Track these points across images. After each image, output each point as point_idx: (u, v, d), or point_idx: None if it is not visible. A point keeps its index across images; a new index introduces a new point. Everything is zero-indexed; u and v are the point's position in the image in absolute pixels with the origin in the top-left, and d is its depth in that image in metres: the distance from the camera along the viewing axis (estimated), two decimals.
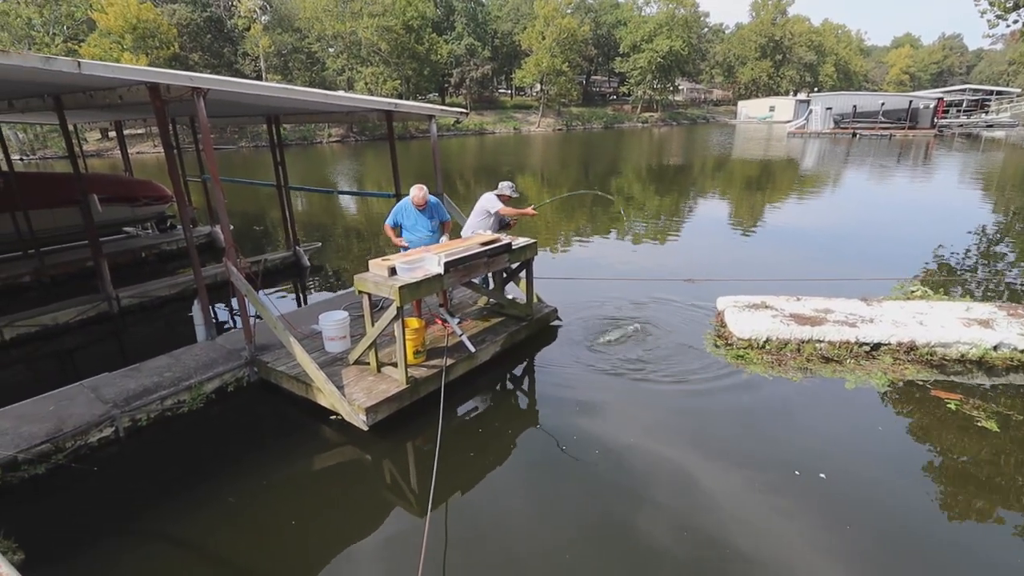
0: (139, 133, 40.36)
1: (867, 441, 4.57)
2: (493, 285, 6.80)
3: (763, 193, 18.47)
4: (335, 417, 4.89)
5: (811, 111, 48.44)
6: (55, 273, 9.12)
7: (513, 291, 7.00)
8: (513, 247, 5.90)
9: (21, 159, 35.23)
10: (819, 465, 4.20)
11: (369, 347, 5.13)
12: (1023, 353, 5.63)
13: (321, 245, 11.26)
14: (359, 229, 14.07)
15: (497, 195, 6.52)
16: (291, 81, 53.56)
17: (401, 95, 53.00)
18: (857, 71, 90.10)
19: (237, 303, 5.55)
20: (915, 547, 3.48)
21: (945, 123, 48.03)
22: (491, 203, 6.49)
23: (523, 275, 6.42)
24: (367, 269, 5.09)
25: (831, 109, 47.02)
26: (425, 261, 5.06)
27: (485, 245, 5.60)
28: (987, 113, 52.59)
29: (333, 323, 5.61)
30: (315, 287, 9.28)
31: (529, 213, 6.57)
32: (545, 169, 26.73)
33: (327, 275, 9.88)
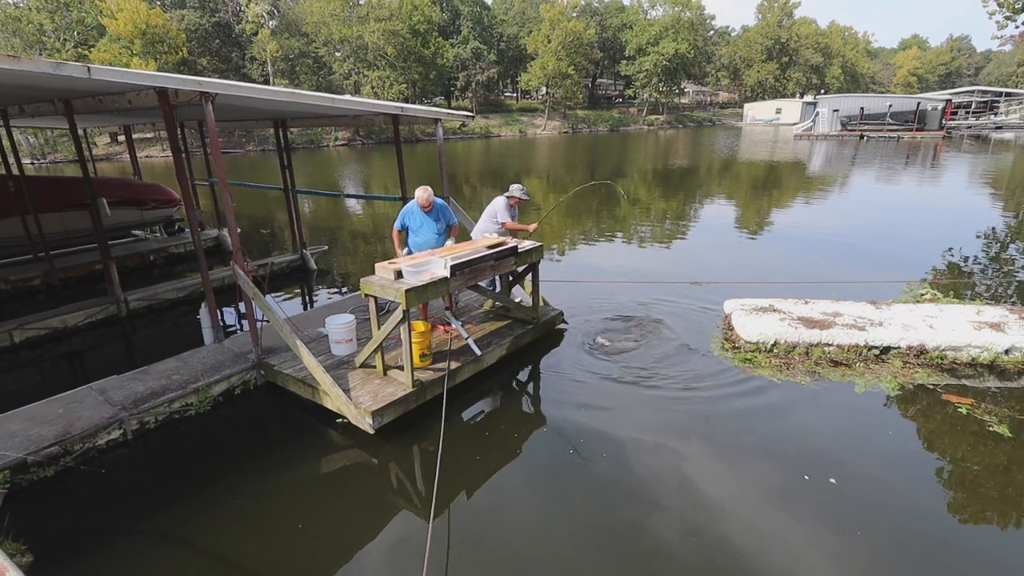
0: (148, 137, 40.78)
1: (877, 445, 4.52)
2: (500, 288, 6.80)
3: (770, 195, 18.39)
4: (341, 420, 4.89)
5: (818, 113, 48.21)
6: (64, 276, 9.20)
7: (519, 294, 6.99)
8: (519, 250, 5.90)
9: (32, 163, 35.64)
10: (829, 470, 4.16)
11: (375, 350, 5.13)
12: None
13: (327, 248, 11.30)
14: (365, 232, 14.11)
15: (507, 196, 6.53)
16: (298, 85, 53.93)
17: (407, 99, 53.26)
18: (864, 73, 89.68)
19: (244, 306, 5.57)
20: (928, 554, 3.43)
21: (954, 125, 47.70)
22: (500, 212, 6.51)
23: (529, 278, 6.42)
24: (373, 272, 5.10)
25: (838, 111, 46.81)
26: (431, 264, 5.07)
27: (491, 248, 5.60)
28: (996, 115, 52.15)
29: (339, 326, 5.62)
30: (322, 290, 9.30)
31: (528, 229, 6.58)
32: (551, 172, 26.73)
33: (333, 278, 9.90)
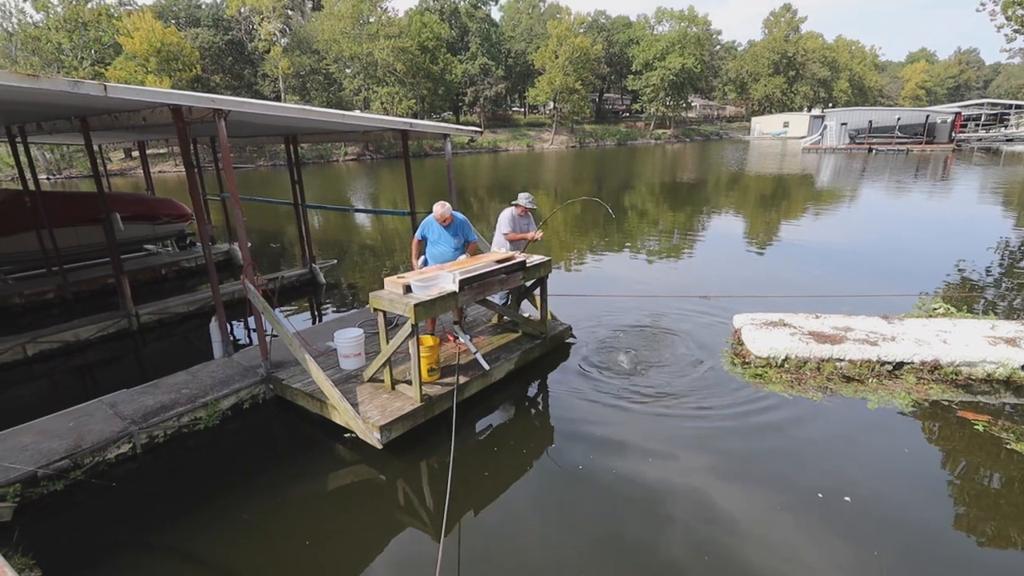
0: (161, 153, 41.45)
1: (893, 463, 4.44)
2: (510, 302, 6.80)
3: (778, 209, 18.34)
4: (349, 435, 4.88)
5: (826, 126, 48.20)
6: (78, 290, 9.30)
7: (527, 308, 6.98)
8: (527, 265, 5.90)
9: (48, 178, 36.27)
10: (843, 487, 4.09)
11: (384, 364, 5.13)
12: None
13: (337, 262, 11.38)
14: (374, 247, 14.18)
15: (514, 205, 6.56)
16: (309, 101, 54.73)
17: (416, 114, 53.87)
18: (872, 86, 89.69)
19: (254, 320, 5.60)
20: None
21: (963, 137, 47.50)
22: (502, 223, 6.56)
23: (537, 292, 6.41)
24: (382, 286, 5.11)
25: (846, 124, 46.76)
26: (440, 279, 5.08)
27: (500, 263, 5.61)
28: (1006, 127, 51.93)
29: (348, 340, 5.63)
30: (330, 304, 9.34)
31: (527, 237, 6.57)
32: (559, 186, 26.83)
33: (342, 292, 9.95)
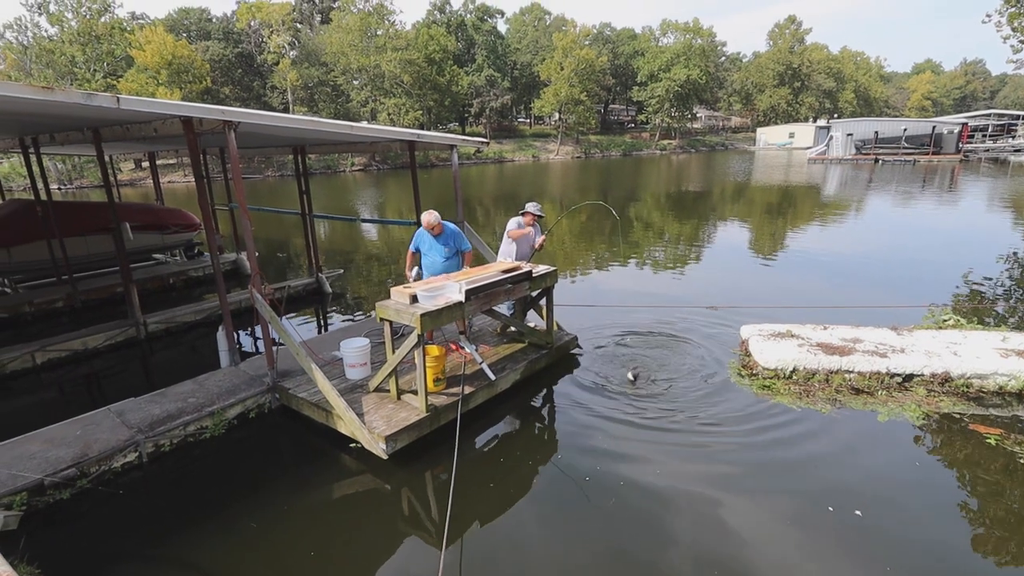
0: (171, 163, 41.85)
1: (904, 477, 4.38)
2: (515, 312, 6.80)
3: (785, 219, 18.29)
4: (355, 445, 4.87)
5: (831, 137, 48.15)
6: (86, 298, 9.37)
7: (533, 318, 6.97)
8: (533, 275, 5.90)
9: (59, 188, 36.70)
10: (854, 501, 4.03)
11: (389, 374, 5.13)
12: None
13: (343, 272, 11.41)
14: (380, 256, 14.24)
15: (521, 213, 6.58)
16: (317, 113, 55.30)
17: (423, 125, 54.27)
18: (877, 97, 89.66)
19: (260, 329, 5.62)
20: None
21: (971, 148, 47.34)
22: (510, 228, 6.58)
23: (544, 302, 6.40)
24: (388, 296, 5.12)
25: (852, 135, 46.71)
26: (446, 289, 5.08)
27: (506, 273, 5.61)
28: (1014, 138, 51.73)
29: (354, 350, 5.63)
30: (336, 314, 9.37)
31: (537, 246, 6.60)
32: (564, 196, 26.88)
33: (348, 302, 9.97)
